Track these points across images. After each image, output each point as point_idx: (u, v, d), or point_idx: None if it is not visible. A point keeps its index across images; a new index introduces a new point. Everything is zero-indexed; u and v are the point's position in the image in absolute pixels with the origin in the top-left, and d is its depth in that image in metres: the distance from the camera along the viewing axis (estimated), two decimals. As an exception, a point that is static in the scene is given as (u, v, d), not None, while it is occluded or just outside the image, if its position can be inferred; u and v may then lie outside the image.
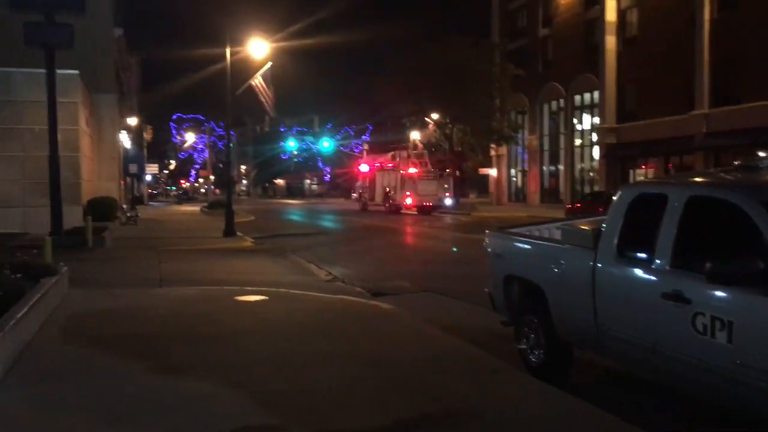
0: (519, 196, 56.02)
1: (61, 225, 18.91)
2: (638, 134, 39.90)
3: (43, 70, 19.16)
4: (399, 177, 46.47)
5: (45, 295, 8.33)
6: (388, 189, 48.48)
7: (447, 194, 46.19)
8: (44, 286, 8.62)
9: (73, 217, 21.17)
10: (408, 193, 44.97)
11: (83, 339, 7.53)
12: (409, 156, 48.05)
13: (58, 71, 19.26)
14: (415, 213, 44.71)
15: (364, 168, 54.31)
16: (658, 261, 5.27)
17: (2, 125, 22.43)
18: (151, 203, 70.17)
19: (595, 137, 45.28)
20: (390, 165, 49.45)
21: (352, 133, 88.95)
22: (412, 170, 45.74)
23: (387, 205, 47.97)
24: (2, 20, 25.50)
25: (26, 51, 20.15)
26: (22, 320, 6.90)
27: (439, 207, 45.18)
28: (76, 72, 23.69)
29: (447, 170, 49.85)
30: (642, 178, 37.29)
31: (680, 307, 4.93)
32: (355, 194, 58.84)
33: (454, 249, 18.61)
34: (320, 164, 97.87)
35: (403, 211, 45.77)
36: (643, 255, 5.50)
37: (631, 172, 41.61)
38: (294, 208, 57.35)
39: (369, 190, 52.10)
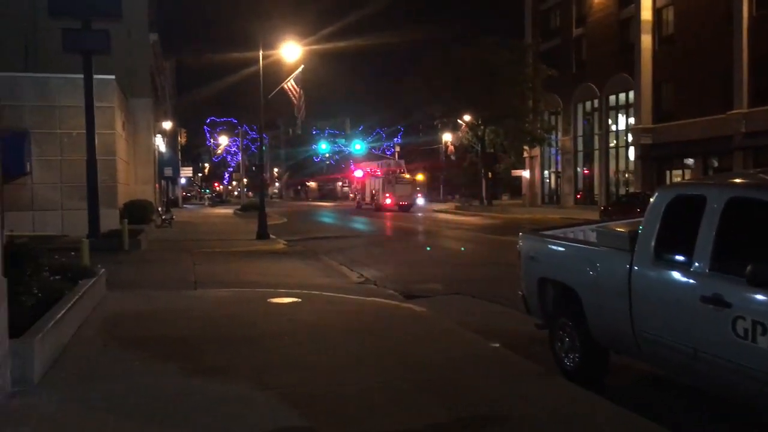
0: (552, 197, 55.43)
1: (98, 227, 19.27)
2: (675, 134, 39.16)
3: (80, 76, 19.54)
4: (381, 181, 55.68)
5: (83, 297, 8.46)
6: (373, 191, 58.02)
7: (419, 195, 57.28)
8: (82, 288, 8.76)
9: (109, 219, 21.53)
10: (387, 194, 54.04)
11: (119, 341, 7.64)
12: (389, 164, 58.29)
13: (95, 76, 19.63)
14: (396, 210, 52.13)
15: (358, 174, 65.50)
16: (696, 264, 5.16)
17: (41, 129, 22.86)
18: (185, 206, 70.98)
19: (630, 138, 44.56)
20: (376, 172, 58.85)
21: (384, 136, 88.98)
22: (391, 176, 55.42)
23: (373, 204, 56.88)
24: (41, 27, 26.14)
25: (62, 56, 20.52)
26: (61, 322, 7.02)
27: (413, 205, 54.73)
28: (112, 77, 24.08)
29: (419, 175, 61.50)
30: (678, 179, 36.63)
31: (720, 310, 4.82)
32: (351, 195, 70.08)
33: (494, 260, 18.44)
34: (352, 167, 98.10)
35: (386, 210, 52.82)
36: (681, 258, 5.39)
37: (668, 173, 40.84)
38: (325, 210, 57.82)
39: (361, 193, 62.54)
